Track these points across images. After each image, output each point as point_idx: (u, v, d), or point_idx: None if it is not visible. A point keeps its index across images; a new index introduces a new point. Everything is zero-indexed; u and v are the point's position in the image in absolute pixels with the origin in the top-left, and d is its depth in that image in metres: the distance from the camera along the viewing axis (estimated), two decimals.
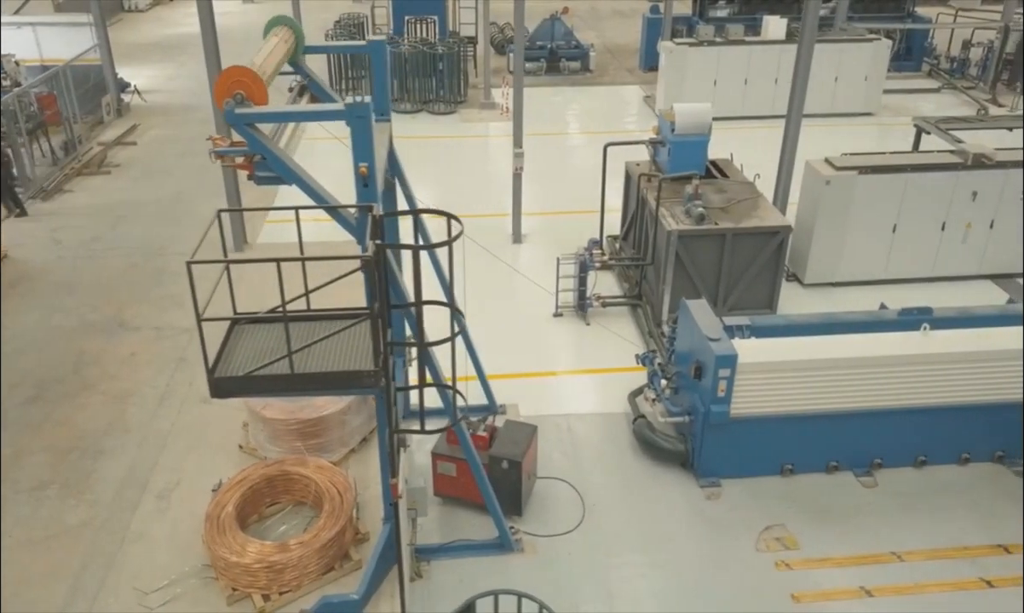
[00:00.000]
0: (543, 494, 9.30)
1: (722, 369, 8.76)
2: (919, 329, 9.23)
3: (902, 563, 8.41)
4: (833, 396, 9.11)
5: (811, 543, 8.65)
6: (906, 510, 9.09)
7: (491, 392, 10.55)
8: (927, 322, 9.22)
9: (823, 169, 12.99)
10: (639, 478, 9.59)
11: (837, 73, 22.13)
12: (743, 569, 8.32)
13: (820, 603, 7.95)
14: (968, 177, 13.02)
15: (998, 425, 9.46)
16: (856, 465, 9.58)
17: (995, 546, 8.60)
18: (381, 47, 8.32)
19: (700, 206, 11.91)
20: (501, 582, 8.16)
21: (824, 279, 13.56)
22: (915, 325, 9.36)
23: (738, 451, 9.31)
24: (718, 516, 9.01)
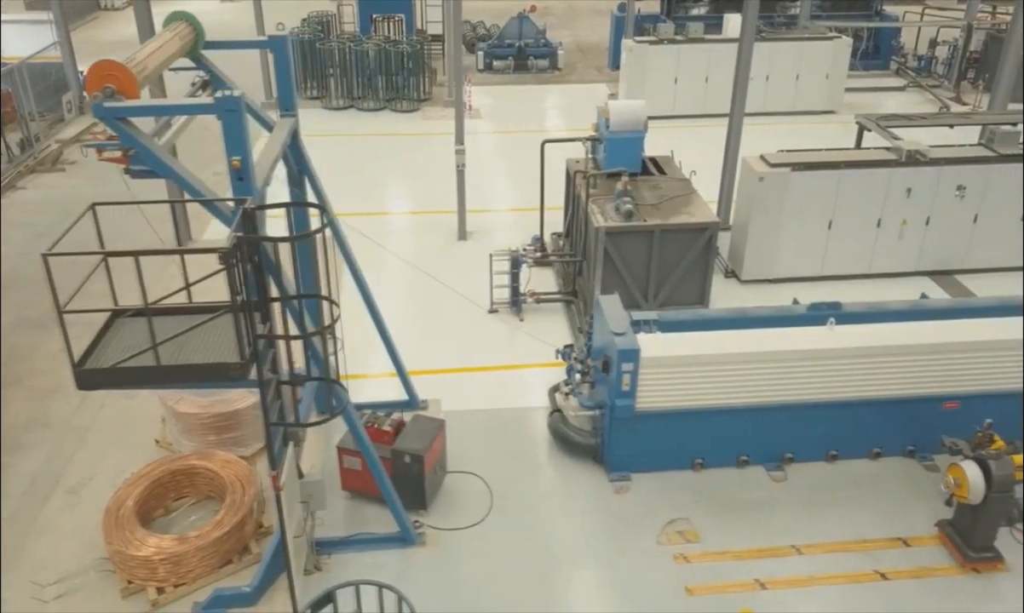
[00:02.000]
0: (453, 488, 9.34)
1: (625, 363, 8.81)
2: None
3: (800, 556, 8.46)
4: (740, 391, 9.17)
5: (713, 537, 8.70)
6: (811, 504, 9.14)
7: (411, 387, 10.60)
8: (833, 317, 9.27)
9: (757, 166, 13.04)
10: (551, 472, 9.64)
11: (798, 71, 22.19)
12: (641, 562, 8.37)
13: (713, 595, 8.00)
14: (902, 174, 13.06)
15: (909, 420, 9.50)
16: (767, 460, 9.64)
17: (894, 539, 8.65)
18: (282, 43, 8.35)
19: (629, 203, 11.95)
20: (400, 575, 8.23)
21: (761, 276, 13.61)
22: (824, 320, 9.42)
23: (647, 445, 9.35)
24: (624, 510, 9.06)
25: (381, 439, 8.75)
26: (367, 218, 16.60)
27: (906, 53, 27.37)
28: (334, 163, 19.68)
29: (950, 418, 9.35)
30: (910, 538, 8.67)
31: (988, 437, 8.62)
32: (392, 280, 13.96)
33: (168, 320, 6.76)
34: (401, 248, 15.17)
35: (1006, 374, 9.35)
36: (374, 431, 8.80)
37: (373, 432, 8.80)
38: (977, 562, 8.22)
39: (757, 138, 16.57)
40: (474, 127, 21.82)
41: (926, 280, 13.83)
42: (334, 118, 22.84)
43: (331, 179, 18.50)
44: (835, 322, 9.21)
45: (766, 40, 22.09)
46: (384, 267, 14.45)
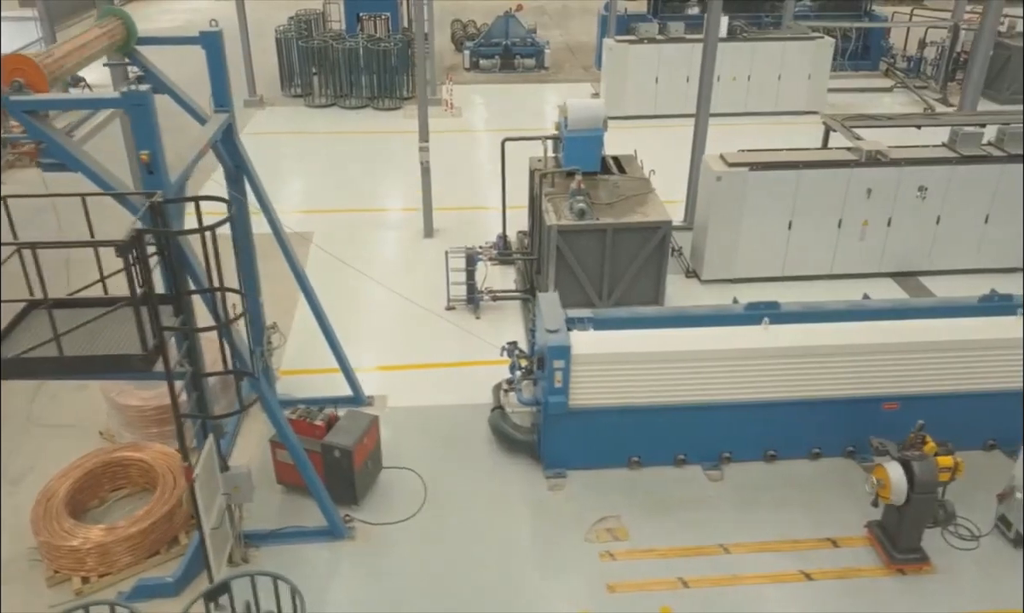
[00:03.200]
0: (389, 483, 9.39)
1: (556, 360, 8.82)
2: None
3: (728, 555, 8.45)
4: (675, 389, 9.15)
5: (642, 535, 8.70)
6: (745, 504, 9.12)
7: (356, 383, 10.66)
8: (768, 317, 9.24)
9: (715, 165, 13.01)
10: (488, 468, 9.66)
11: (780, 71, 22.12)
12: (566, 559, 8.38)
13: (634, 593, 8.00)
14: (862, 174, 13.00)
15: (848, 420, 9.46)
16: (704, 459, 9.62)
17: (824, 540, 8.63)
18: (215, 39, 8.43)
19: (582, 201, 11.96)
20: (326, 569, 8.31)
21: (722, 275, 13.58)
22: (760, 320, 9.39)
23: (583, 442, 9.36)
24: (555, 506, 9.08)
25: (312, 433, 8.81)
26: (335, 214, 16.72)
27: (895, 54, 27.22)
28: (311, 161, 19.87)
29: (890, 419, 9.31)
30: (840, 539, 8.63)
31: (921, 438, 8.58)
32: (352, 277, 13.98)
33: (84, 312, 6.84)
34: (365, 245, 15.24)
35: (945, 375, 9.30)
36: (305, 425, 8.86)
37: (304, 426, 8.87)
38: (902, 563, 8.18)
39: (736, 139, 16.41)
40: (452, 125, 21.93)
41: (889, 281, 13.77)
42: (316, 116, 22.95)
43: (305, 177, 18.88)
44: (769, 322, 9.19)
45: (747, 40, 22.06)
46: (346, 263, 14.49)
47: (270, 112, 23.14)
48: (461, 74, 26.92)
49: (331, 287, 13.60)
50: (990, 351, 9.23)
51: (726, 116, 21.97)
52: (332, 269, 14.28)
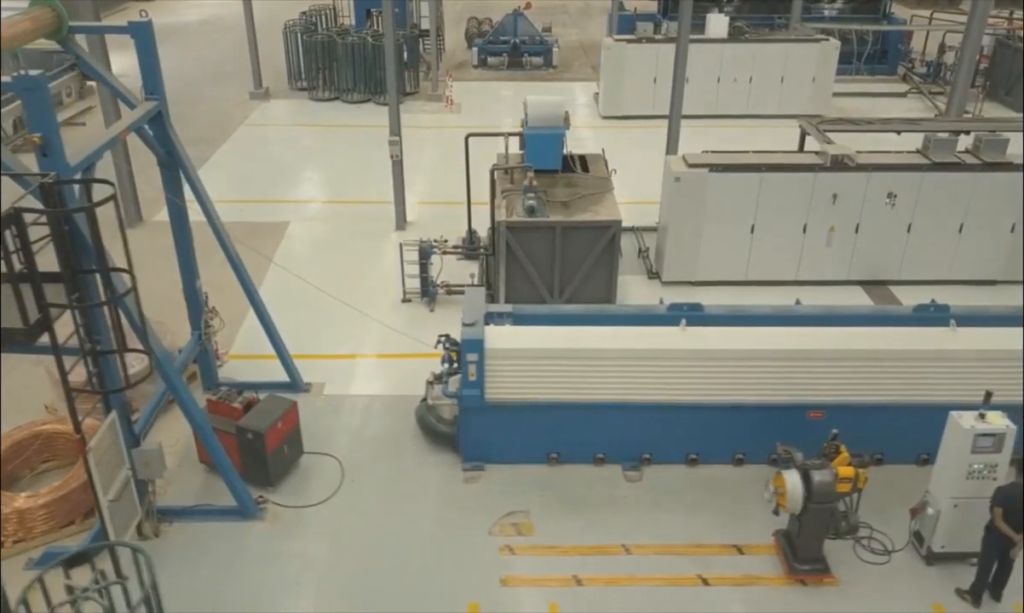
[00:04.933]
0: (310, 468, 9.56)
1: (469, 354, 8.88)
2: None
3: (628, 556, 8.40)
4: (593, 388, 9.13)
5: (548, 531, 8.70)
6: (658, 506, 9.05)
7: (294, 370, 10.85)
8: (687, 318, 9.15)
9: (675, 166, 12.89)
10: (410, 459, 9.76)
11: (783, 74, 21.72)
12: (466, 551, 8.43)
13: (525, 588, 8.02)
14: (827, 179, 12.73)
15: (773, 427, 9.27)
16: (625, 459, 9.57)
17: (731, 546, 8.51)
18: (144, 28, 8.69)
19: (532, 199, 11.96)
20: (231, 546, 8.51)
21: (683, 277, 13.44)
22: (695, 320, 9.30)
23: (501, 437, 9.39)
24: (467, 499, 9.13)
25: (230, 415, 9.03)
26: (315, 205, 17.00)
27: (914, 58, 26.49)
28: (303, 152, 20.23)
29: (815, 428, 9.09)
30: (747, 546, 8.51)
31: (835, 448, 8.41)
32: (316, 266, 14.24)
33: None
34: (338, 235, 15.48)
35: (873, 386, 9.09)
36: (224, 407, 9.09)
37: (223, 408, 9.09)
38: (803, 574, 8.04)
39: (732, 141, 16.12)
40: (451, 121, 22.09)
41: (858, 289, 13.46)
42: (318, 110, 23.33)
43: (294, 168, 19.20)
44: (687, 323, 9.09)
45: (748, 41, 21.72)
46: (313, 253, 14.78)
47: (273, 105, 23.62)
48: (469, 71, 27.08)
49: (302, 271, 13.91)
50: (919, 363, 8.99)
51: (726, 118, 21.76)
52: (299, 258, 14.60)
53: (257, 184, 18.06)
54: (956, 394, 8.85)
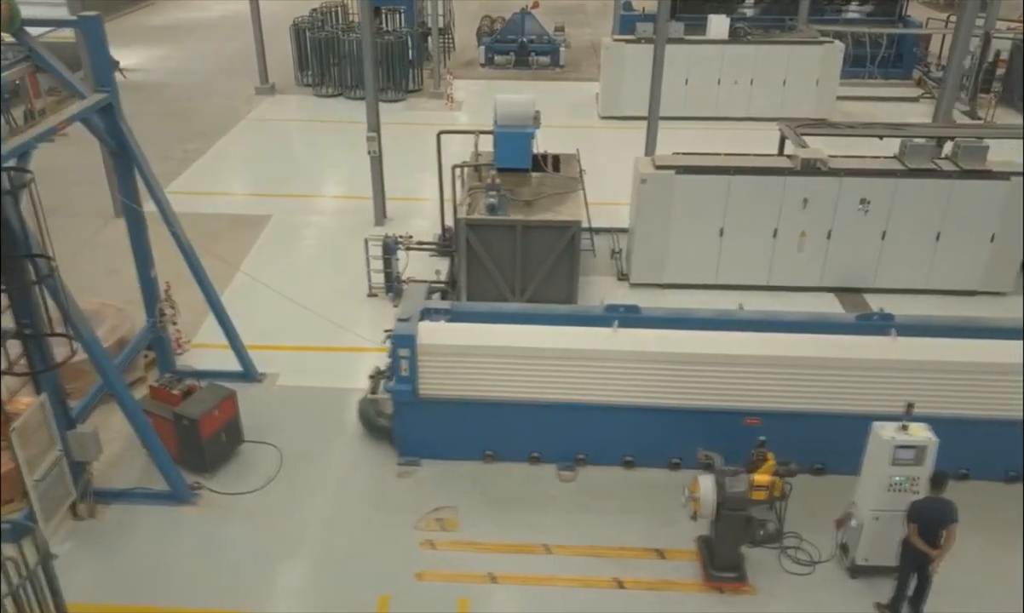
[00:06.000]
0: (250, 456, 9.72)
1: (400, 349, 8.96)
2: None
3: (548, 556, 8.39)
4: (527, 386, 9.12)
5: (473, 528, 8.73)
6: (586, 507, 9.01)
7: (247, 360, 11.04)
8: (619, 319, 9.09)
9: (643, 167, 12.79)
10: (350, 452, 9.87)
11: (785, 76, 21.37)
12: (387, 544, 8.50)
13: (439, 583, 8.06)
14: (797, 183, 12.51)
15: (709, 432, 9.15)
16: (560, 459, 9.54)
17: (653, 550, 8.45)
18: (94, 23, 8.93)
19: (493, 197, 11.99)
20: (161, 530, 8.70)
21: (651, 280, 13.33)
22: (629, 322, 9.25)
23: (437, 433, 9.44)
24: (398, 493, 9.21)
25: (168, 401, 9.24)
26: (299, 199, 17.20)
27: (930, 62, 25.85)
28: (299, 147, 20.54)
29: (752, 434, 8.98)
30: (669, 551, 8.44)
31: (762, 455, 8.32)
32: (288, 259, 14.47)
33: None
34: (317, 229, 15.69)
35: (810, 394, 8.93)
36: (163, 394, 9.30)
37: (163, 394, 9.31)
38: (719, 581, 7.94)
39: (732, 144, 15.86)
40: (449, 119, 22.17)
41: (830, 296, 13.21)
42: (321, 105, 23.63)
43: (285, 162, 19.50)
44: (619, 324, 9.04)
45: (750, 43, 21.42)
46: (288, 246, 15.00)
47: (278, 99, 24.00)
48: (476, 69, 27.16)
49: (269, 266, 14.18)
50: (855, 372, 8.81)
51: (726, 121, 21.49)
52: (276, 251, 14.87)
53: (248, 177, 18.40)
54: (895, 405, 8.64)
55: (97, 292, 12.66)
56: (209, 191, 17.40)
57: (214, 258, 13.92)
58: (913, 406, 7.62)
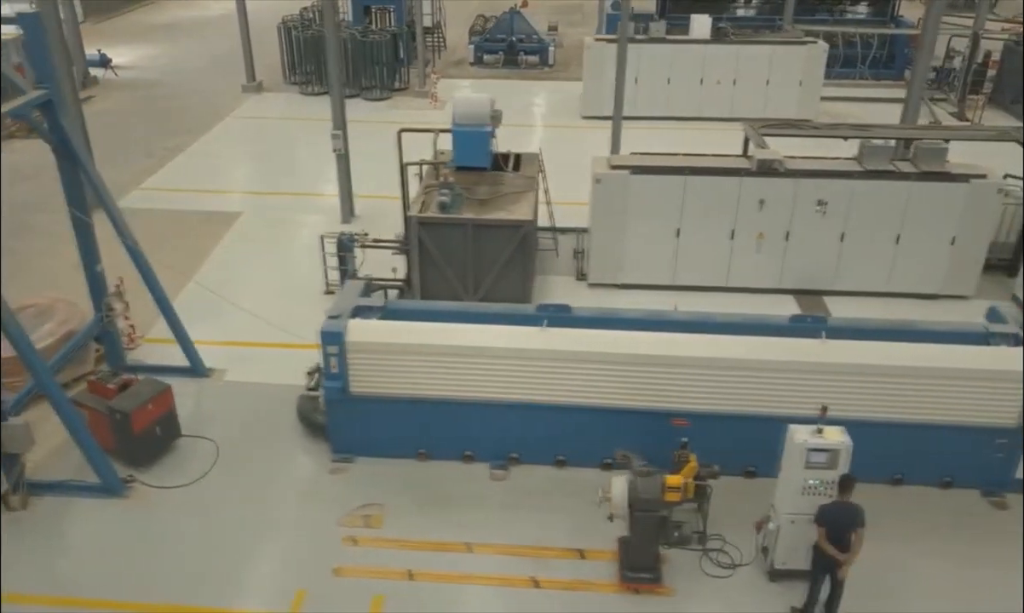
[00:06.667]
0: (187, 450, 9.81)
1: (329, 346, 9.00)
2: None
3: (469, 554, 8.41)
4: (459, 385, 9.14)
5: (398, 525, 8.76)
6: (515, 506, 9.02)
7: (195, 355, 11.14)
8: (548, 318, 9.08)
9: (598, 167, 12.76)
10: (287, 447, 9.92)
11: (769, 76, 21.22)
12: (310, 540, 8.56)
13: (356, 578, 8.09)
14: (753, 184, 12.43)
15: (638, 433, 9.12)
16: (493, 458, 9.55)
17: (574, 550, 8.44)
18: (33, 20, 9.05)
19: (445, 195, 12.01)
20: (95, 521, 8.81)
21: (608, 280, 13.29)
22: (558, 321, 9.24)
23: (371, 431, 9.48)
24: (328, 489, 9.26)
25: (103, 395, 9.36)
26: (272, 197, 17.32)
27: None
28: (279, 145, 20.64)
29: (680, 435, 8.94)
30: (590, 551, 8.42)
31: (684, 456, 8.28)
32: (250, 255, 14.59)
33: None
34: (284, 226, 15.77)
35: (736, 396, 8.88)
36: (99, 387, 9.42)
37: (98, 388, 9.44)
38: (634, 582, 7.92)
39: (713, 144, 15.70)
40: (429, 118, 22.18)
41: (789, 298, 13.11)
42: (306, 104, 23.75)
43: (263, 159, 19.63)
44: (548, 323, 9.03)
45: (733, 43, 21.30)
46: (252, 243, 15.11)
47: (264, 98, 24.17)
48: (465, 68, 27.20)
49: (231, 263, 14.32)
50: (785, 374, 8.74)
51: (709, 121, 21.35)
52: (240, 247, 14.99)
53: (223, 174, 18.52)
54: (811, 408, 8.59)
55: (61, 287, 12.81)
56: (183, 188, 17.56)
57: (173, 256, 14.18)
58: (827, 409, 7.55)
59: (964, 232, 12.49)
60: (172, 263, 14.03)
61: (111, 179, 17.35)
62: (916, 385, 8.70)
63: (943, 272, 12.82)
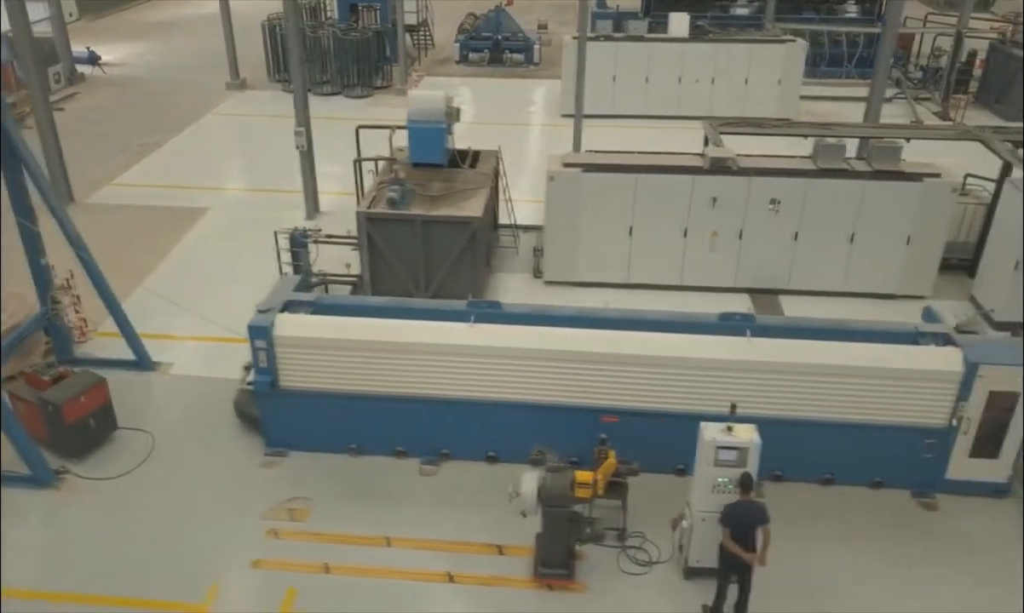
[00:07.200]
0: (123, 442, 9.89)
1: (257, 340, 9.05)
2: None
3: (387, 548, 8.43)
4: (389, 380, 9.17)
5: (322, 519, 8.79)
6: (441, 502, 9.04)
7: (141, 349, 11.22)
8: (475, 315, 9.08)
9: (551, 165, 12.73)
10: (221, 440, 9.98)
11: (747, 75, 21.09)
12: (232, 533, 8.60)
13: (273, 571, 8.14)
14: (706, 182, 12.37)
15: (568, 429, 9.12)
16: (424, 454, 9.56)
17: (493, 545, 8.44)
18: None
19: (393, 191, 12.04)
20: (24, 511, 8.90)
21: (563, 278, 13.26)
22: (487, 317, 9.23)
23: (304, 425, 9.52)
24: (258, 482, 9.31)
25: (38, 387, 9.45)
26: (242, 193, 17.43)
27: (908, 62, 25.33)
28: (255, 141, 20.76)
29: (609, 432, 8.90)
30: (509, 547, 8.42)
31: (603, 453, 8.28)
32: (210, 250, 14.67)
33: None
34: (248, 222, 15.78)
35: (662, 393, 8.85)
36: (35, 379, 9.52)
37: (34, 380, 9.53)
38: (547, 578, 7.91)
39: (689, 142, 15.68)
40: None
41: (744, 297, 13.04)
42: (288, 100, 23.15)
43: (239, 156, 19.71)
44: (475, 320, 9.03)
45: (711, 41, 21.20)
46: (214, 239, 15.19)
47: (247, 95, 24.30)
48: (451, 67, 27.23)
49: (193, 258, 14.44)
50: (710, 372, 8.70)
51: (687, 119, 21.19)
52: (203, 243, 15.11)
53: (195, 171, 18.60)
54: (748, 406, 8.56)
55: (19, 280, 12.95)
56: (154, 184, 17.69)
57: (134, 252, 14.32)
58: (735, 407, 7.51)
59: (920, 232, 12.38)
60: (132, 258, 14.18)
61: (85, 175, 17.71)
62: (843, 384, 8.65)
63: (900, 272, 12.71)
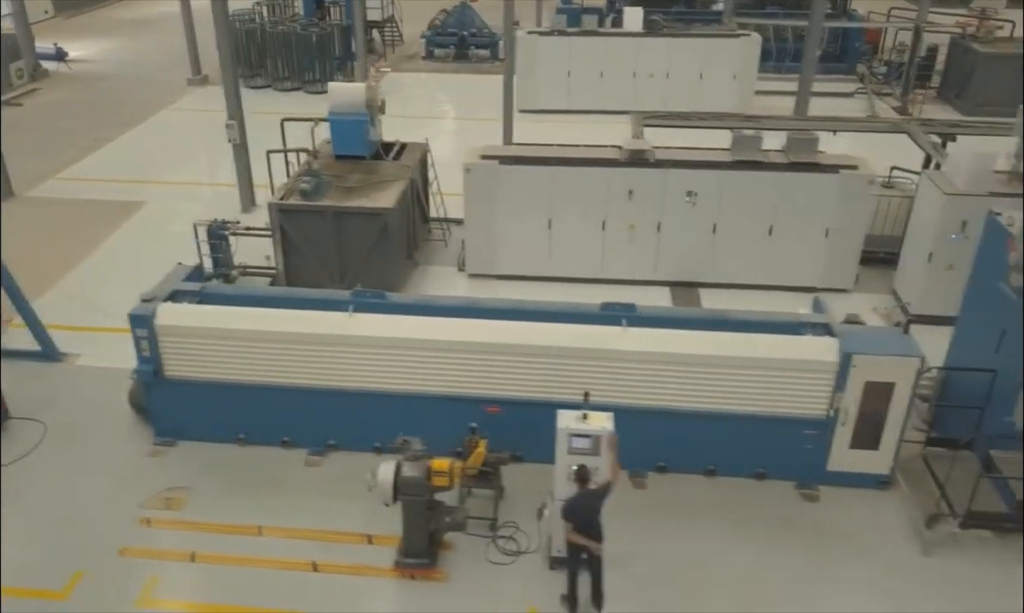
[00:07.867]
0: (14, 432, 9.88)
1: (138, 329, 9.04)
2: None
3: (258, 537, 8.41)
4: (274, 370, 9.14)
5: (199, 508, 8.77)
6: (320, 493, 9.02)
7: (47, 339, 11.23)
8: (354, 305, 9.05)
9: (469, 158, 12.68)
10: (113, 430, 9.95)
11: (701, 70, 20.99)
12: (105, 521, 8.58)
13: (141, 559, 8.13)
14: (622, 174, 12.30)
15: (454, 419, 9.02)
16: (311, 444, 9.55)
17: (363, 535, 8.41)
18: None
19: (306, 182, 12.02)
20: None
21: (485, 271, 13.22)
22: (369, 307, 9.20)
23: (189, 414, 9.51)
24: (142, 472, 9.29)
25: None
26: (182, 187, 17.42)
27: (873, 58, 25.18)
28: (207, 137, 20.69)
29: (492, 422, 8.88)
30: (379, 536, 8.38)
31: (473, 442, 8.25)
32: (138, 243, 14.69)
33: None
34: (177, 216, 15.71)
35: (541, 383, 8.80)
36: None
37: None
38: (408, 567, 7.88)
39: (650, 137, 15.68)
40: None
41: (664, 290, 12.97)
42: (247, 97, 23.44)
43: (186, 151, 19.74)
44: (353, 309, 9.00)
45: (665, 36, 21.10)
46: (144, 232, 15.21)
47: (208, 91, 24.30)
48: (417, 63, 27.23)
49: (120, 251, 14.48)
50: (586, 361, 8.64)
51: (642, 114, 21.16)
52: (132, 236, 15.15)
53: (142, 165, 18.60)
54: (620, 396, 8.54)
55: None
56: (98, 178, 17.72)
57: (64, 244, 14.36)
58: (589, 395, 7.45)
59: (838, 225, 12.28)
60: (62, 251, 14.23)
61: (32, 169, 17.75)
62: (720, 375, 8.58)
63: (821, 265, 12.61)
